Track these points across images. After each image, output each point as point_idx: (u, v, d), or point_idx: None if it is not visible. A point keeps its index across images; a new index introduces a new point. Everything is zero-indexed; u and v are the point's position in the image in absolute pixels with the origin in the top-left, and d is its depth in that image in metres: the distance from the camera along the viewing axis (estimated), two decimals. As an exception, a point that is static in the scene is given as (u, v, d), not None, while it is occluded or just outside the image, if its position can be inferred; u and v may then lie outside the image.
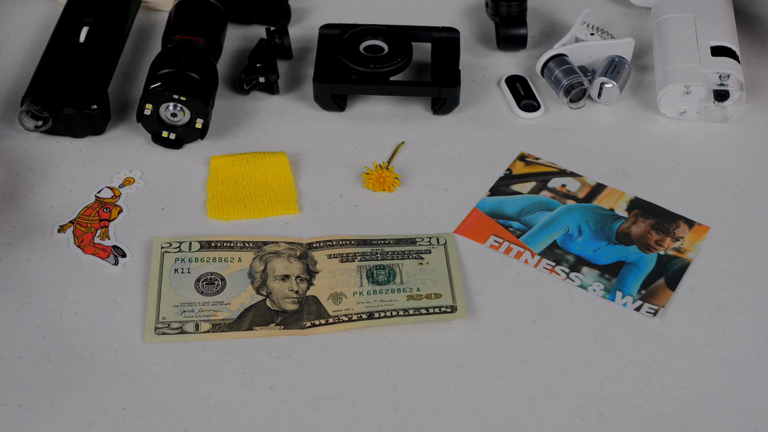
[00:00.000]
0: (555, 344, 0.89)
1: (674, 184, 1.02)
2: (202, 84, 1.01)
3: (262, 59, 1.08)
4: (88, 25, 1.10)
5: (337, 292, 0.91)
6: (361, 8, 1.18)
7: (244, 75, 1.07)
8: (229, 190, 1.00)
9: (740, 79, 1.05)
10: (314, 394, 0.85)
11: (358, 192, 1.00)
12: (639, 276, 0.94)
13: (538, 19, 1.18)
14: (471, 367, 0.87)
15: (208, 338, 0.89)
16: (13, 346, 0.88)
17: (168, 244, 0.95)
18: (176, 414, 0.84)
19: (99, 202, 0.99)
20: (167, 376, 0.86)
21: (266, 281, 0.92)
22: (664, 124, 1.07)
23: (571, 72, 1.07)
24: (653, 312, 0.91)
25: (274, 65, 1.08)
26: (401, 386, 0.86)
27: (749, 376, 0.87)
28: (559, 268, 0.94)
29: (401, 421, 0.84)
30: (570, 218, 0.98)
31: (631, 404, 0.85)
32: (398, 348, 0.88)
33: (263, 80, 1.07)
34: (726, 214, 0.99)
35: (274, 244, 0.95)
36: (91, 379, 0.86)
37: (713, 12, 1.10)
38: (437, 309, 0.90)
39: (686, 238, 0.97)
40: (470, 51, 1.14)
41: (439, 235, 0.96)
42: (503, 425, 0.84)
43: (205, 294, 0.91)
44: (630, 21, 1.18)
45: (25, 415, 0.84)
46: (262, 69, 1.07)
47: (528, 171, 1.02)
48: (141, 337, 0.89)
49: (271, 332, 0.89)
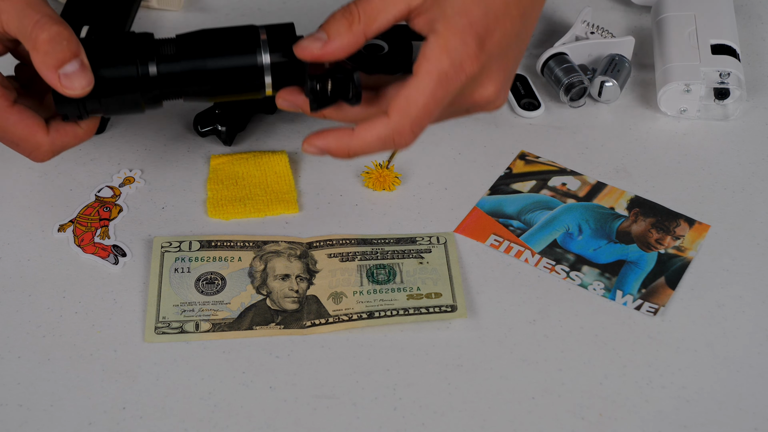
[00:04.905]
0: (555, 343, 0.89)
1: (675, 183, 1.02)
2: None
3: (225, 106, 1.03)
4: (88, 24, 1.10)
5: (337, 292, 0.91)
6: (361, 7, 1.18)
7: (200, 117, 1.03)
8: (230, 189, 1.00)
9: (741, 77, 1.05)
10: (314, 393, 0.85)
11: (358, 191, 1.00)
12: (639, 275, 0.94)
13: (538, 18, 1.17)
14: (471, 367, 0.87)
15: (208, 338, 0.89)
16: (13, 345, 0.88)
17: (168, 244, 0.95)
18: (176, 414, 0.84)
19: (99, 201, 0.99)
20: (167, 376, 0.86)
21: (266, 281, 0.92)
22: (664, 123, 1.07)
23: (571, 71, 1.07)
24: (653, 311, 0.91)
25: (231, 116, 1.03)
26: (401, 386, 0.86)
27: (750, 376, 0.87)
28: (559, 267, 0.94)
29: (401, 421, 0.84)
30: (570, 217, 0.98)
31: (631, 403, 0.85)
32: (398, 347, 0.88)
33: (221, 128, 1.02)
34: (726, 213, 0.99)
35: (274, 243, 0.95)
36: (91, 379, 0.86)
37: (713, 10, 1.10)
38: (437, 308, 0.90)
39: (687, 236, 0.97)
40: (470, 49, 1.14)
41: (439, 234, 0.96)
42: (503, 425, 0.84)
43: (205, 293, 0.91)
44: (630, 19, 1.18)
45: (25, 415, 0.84)
46: (218, 116, 1.03)
47: (528, 170, 1.02)
48: (141, 337, 0.89)
49: (271, 332, 0.89)
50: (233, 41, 0.87)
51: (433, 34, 0.83)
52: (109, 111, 0.88)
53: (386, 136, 0.84)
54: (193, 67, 0.86)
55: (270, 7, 1.19)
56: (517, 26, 0.86)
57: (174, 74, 0.86)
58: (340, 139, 0.85)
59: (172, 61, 0.86)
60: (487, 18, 0.83)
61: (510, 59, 0.87)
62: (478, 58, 0.83)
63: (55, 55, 0.83)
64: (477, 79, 0.84)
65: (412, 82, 0.83)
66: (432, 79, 0.82)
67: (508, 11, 0.84)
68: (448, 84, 0.83)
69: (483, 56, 0.83)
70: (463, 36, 0.82)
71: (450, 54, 0.82)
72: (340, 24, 0.84)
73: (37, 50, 0.83)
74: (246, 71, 0.87)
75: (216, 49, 0.87)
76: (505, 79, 0.87)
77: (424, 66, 0.83)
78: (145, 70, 0.86)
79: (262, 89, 0.87)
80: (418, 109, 0.83)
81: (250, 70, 0.86)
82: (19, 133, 0.87)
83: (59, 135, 0.88)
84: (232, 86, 0.87)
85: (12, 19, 0.85)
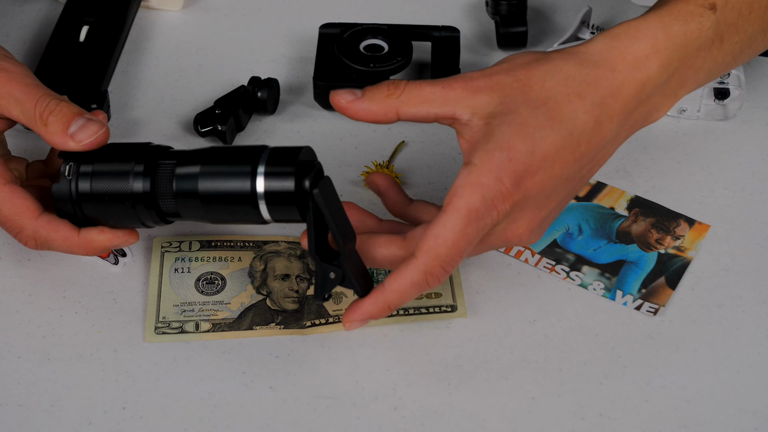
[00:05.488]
0: (555, 343, 0.89)
1: (674, 183, 1.01)
2: None
3: (226, 106, 1.03)
4: (88, 24, 1.10)
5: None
6: (361, 7, 1.18)
7: (200, 117, 1.03)
8: (229, 189, 1.00)
9: (741, 78, 1.05)
10: (314, 393, 0.85)
11: (358, 191, 1.00)
12: (639, 275, 0.94)
13: (539, 17, 1.18)
14: (471, 367, 0.87)
15: (208, 338, 0.89)
16: (13, 345, 0.88)
17: (168, 244, 0.95)
18: (176, 414, 0.84)
19: (99, 201, 0.99)
20: (167, 376, 0.86)
21: (266, 280, 0.92)
22: (664, 123, 1.07)
23: (572, 71, 1.07)
24: (653, 311, 0.91)
25: (229, 116, 1.02)
26: (401, 386, 0.86)
27: (749, 376, 0.87)
28: (559, 267, 0.94)
29: (401, 421, 0.84)
30: (570, 217, 0.98)
31: (631, 403, 0.85)
32: (398, 347, 0.88)
33: (221, 128, 1.02)
34: (726, 213, 0.99)
35: (274, 243, 0.95)
36: (91, 379, 0.86)
37: (714, 10, 1.10)
38: (437, 308, 0.90)
39: (686, 236, 0.97)
40: (470, 50, 1.14)
41: (439, 235, 0.96)
42: (503, 425, 0.84)
43: (205, 293, 0.91)
44: (630, 19, 1.18)
45: (25, 415, 0.84)
46: (218, 116, 1.03)
47: (528, 170, 1.02)
48: (141, 337, 0.89)
49: (271, 332, 0.89)
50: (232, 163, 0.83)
51: (467, 167, 0.79)
52: (105, 219, 0.86)
53: (419, 280, 0.80)
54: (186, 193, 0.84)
55: (270, 6, 1.19)
56: (569, 170, 0.81)
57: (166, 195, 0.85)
58: (375, 301, 0.81)
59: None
60: (531, 157, 0.78)
61: (552, 201, 0.82)
62: (512, 197, 0.78)
63: (60, 121, 0.85)
64: (509, 216, 0.80)
65: (441, 219, 0.78)
66: (461, 216, 0.78)
67: (559, 154, 0.79)
68: (479, 221, 0.78)
69: (517, 195, 0.79)
70: (499, 173, 0.78)
71: (482, 191, 0.78)
72: (381, 90, 0.82)
73: (45, 126, 0.85)
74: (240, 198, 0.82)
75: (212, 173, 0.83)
76: (542, 219, 0.82)
77: (453, 202, 0.78)
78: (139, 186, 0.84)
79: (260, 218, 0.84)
80: (447, 248, 0.78)
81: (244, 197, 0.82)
82: (6, 212, 0.86)
83: (47, 226, 0.86)
84: (228, 215, 0.84)
85: (12, 104, 0.86)
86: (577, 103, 0.81)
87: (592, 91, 0.81)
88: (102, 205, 0.85)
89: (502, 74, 0.81)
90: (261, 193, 0.82)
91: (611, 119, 0.82)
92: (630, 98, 0.83)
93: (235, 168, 0.82)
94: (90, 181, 0.85)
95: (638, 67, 0.83)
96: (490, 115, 0.80)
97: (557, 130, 0.80)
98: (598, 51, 0.83)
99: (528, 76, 0.81)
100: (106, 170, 0.85)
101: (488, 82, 0.81)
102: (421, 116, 0.82)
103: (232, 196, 0.82)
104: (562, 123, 0.80)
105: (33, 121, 0.86)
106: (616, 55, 0.83)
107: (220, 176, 0.83)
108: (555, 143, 0.79)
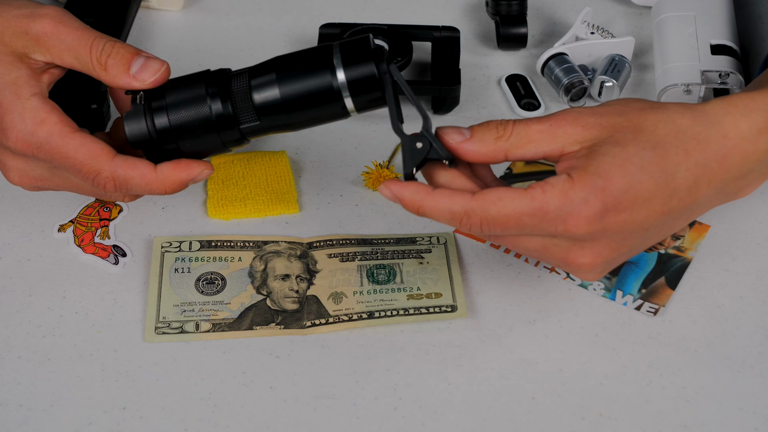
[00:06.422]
0: (555, 344, 0.89)
1: (675, 183, 1.02)
2: None
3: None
4: (89, 24, 1.10)
5: (338, 292, 0.91)
6: (361, 7, 1.18)
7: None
8: (230, 189, 1.00)
9: (741, 78, 1.05)
10: (314, 393, 0.85)
11: (358, 191, 1.00)
12: (639, 275, 0.94)
13: (539, 18, 1.18)
14: (471, 367, 0.87)
15: (208, 338, 0.89)
16: (13, 345, 0.88)
17: (168, 244, 0.95)
18: (176, 414, 0.84)
19: (99, 201, 0.99)
20: (167, 376, 0.86)
21: (266, 281, 0.92)
22: (664, 123, 1.07)
23: (572, 71, 1.07)
24: (654, 311, 0.91)
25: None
26: (401, 386, 0.86)
27: (750, 375, 0.87)
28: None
29: (401, 421, 0.84)
30: (570, 217, 0.98)
31: (631, 403, 0.85)
32: (398, 347, 0.88)
33: None
34: (726, 213, 0.99)
35: (274, 243, 0.95)
36: (91, 379, 0.86)
37: (713, 10, 1.10)
38: (437, 308, 0.90)
39: (686, 236, 0.97)
40: (470, 50, 1.14)
41: (440, 234, 0.96)
42: (503, 425, 0.84)
43: (205, 293, 0.91)
44: (630, 20, 1.18)
45: (25, 415, 0.84)
46: None
47: (528, 170, 1.02)
48: (141, 337, 0.89)
49: (271, 332, 0.89)
50: (306, 63, 0.83)
51: (563, 176, 0.78)
52: (188, 149, 0.85)
53: (458, 214, 0.79)
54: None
55: (270, 6, 1.19)
56: (653, 220, 0.80)
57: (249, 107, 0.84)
58: (416, 193, 0.81)
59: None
60: (624, 195, 0.78)
61: (625, 245, 0.81)
62: (589, 225, 0.78)
63: (120, 63, 0.84)
64: (579, 241, 0.79)
65: (515, 192, 0.78)
66: (532, 205, 0.78)
67: (650, 202, 0.79)
68: (541, 221, 0.78)
69: (597, 225, 0.78)
70: (589, 196, 0.77)
71: (564, 201, 0.77)
72: (490, 132, 0.81)
73: (105, 70, 0.85)
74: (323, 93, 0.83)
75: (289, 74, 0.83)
76: (609, 259, 0.81)
77: (535, 191, 0.78)
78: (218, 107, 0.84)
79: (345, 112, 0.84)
80: (497, 213, 0.78)
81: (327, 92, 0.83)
82: (80, 157, 0.84)
83: (124, 164, 0.84)
84: (312, 111, 0.84)
85: (64, 51, 0.85)
86: (682, 157, 0.80)
87: (700, 151, 0.80)
88: (182, 132, 0.84)
89: (613, 115, 0.81)
90: (344, 84, 0.82)
91: (709, 183, 0.81)
92: (733, 167, 0.82)
93: (312, 67, 0.83)
94: (166, 113, 0.84)
95: (749, 139, 0.82)
96: (597, 144, 0.80)
97: (656, 178, 0.79)
98: (714, 113, 0.82)
99: (641, 119, 0.80)
100: (180, 99, 0.84)
101: (599, 120, 0.80)
102: (529, 156, 0.81)
103: (315, 96, 0.83)
104: (663, 172, 0.79)
105: (90, 66, 0.85)
106: (730, 121, 0.81)
107: (298, 78, 0.83)
108: (650, 190, 0.78)
